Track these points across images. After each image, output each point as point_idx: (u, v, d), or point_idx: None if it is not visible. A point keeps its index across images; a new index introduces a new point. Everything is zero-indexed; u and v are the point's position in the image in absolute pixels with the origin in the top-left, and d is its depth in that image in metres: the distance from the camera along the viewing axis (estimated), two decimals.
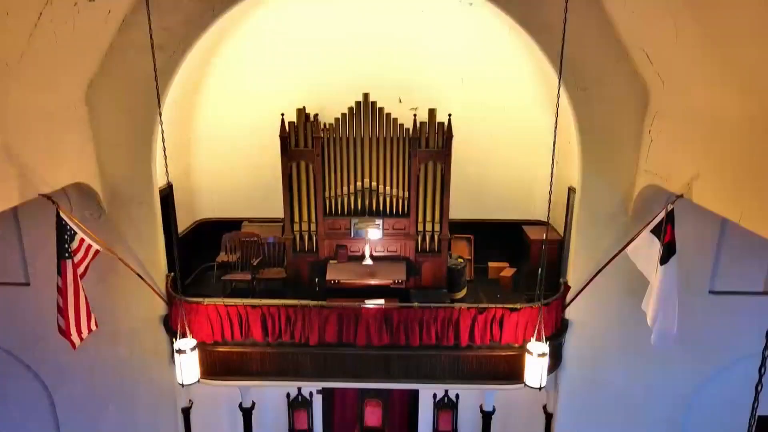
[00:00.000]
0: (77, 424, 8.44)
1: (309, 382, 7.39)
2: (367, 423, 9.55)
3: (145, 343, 8.02)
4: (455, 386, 7.39)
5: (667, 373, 7.99)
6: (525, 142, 9.28)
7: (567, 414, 8.23)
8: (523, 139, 9.28)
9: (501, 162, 9.45)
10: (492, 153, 9.40)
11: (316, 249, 8.11)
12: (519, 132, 9.27)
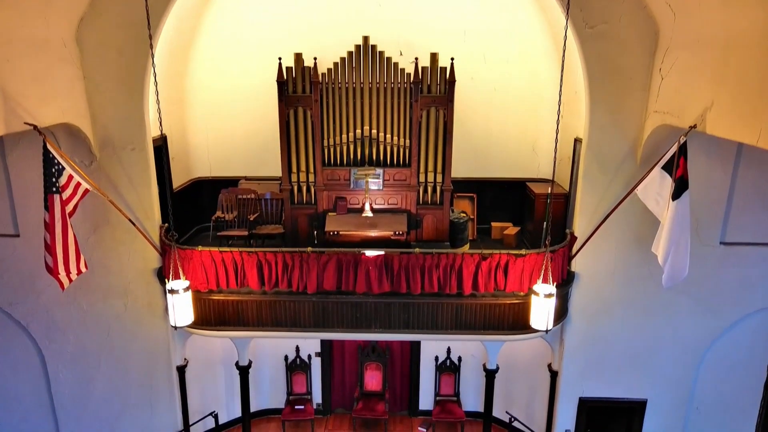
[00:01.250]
0: (68, 382, 8.21)
1: (307, 332, 7.14)
2: (367, 387, 9.32)
3: (139, 298, 7.79)
4: (458, 336, 7.15)
5: (677, 328, 7.75)
6: (529, 97, 9.04)
7: (572, 371, 7.99)
8: (527, 95, 9.04)
9: (504, 119, 9.20)
10: (495, 110, 9.16)
11: (314, 201, 7.87)
12: (523, 88, 9.03)
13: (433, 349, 9.17)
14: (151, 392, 8.23)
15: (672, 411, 8.14)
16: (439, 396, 9.31)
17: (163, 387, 8.20)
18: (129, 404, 8.28)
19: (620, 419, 8.37)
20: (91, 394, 8.26)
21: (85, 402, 8.30)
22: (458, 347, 9.14)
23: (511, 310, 6.99)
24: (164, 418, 8.33)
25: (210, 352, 8.66)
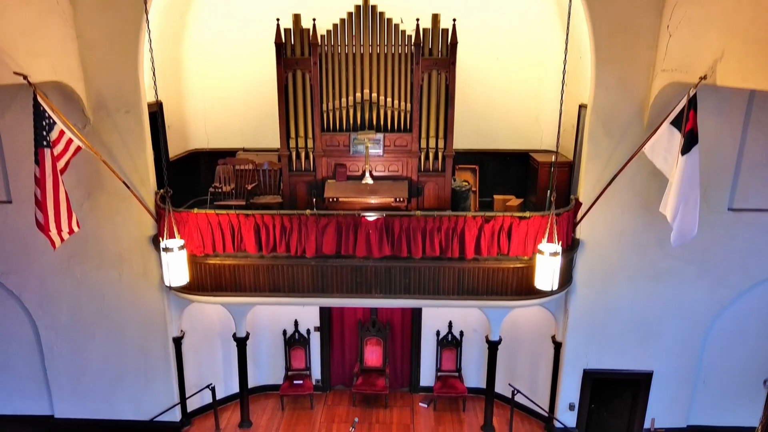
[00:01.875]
0: (62, 353, 8.05)
1: (305, 298, 6.97)
2: (367, 363, 9.15)
3: (134, 266, 7.63)
4: (460, 302, 6.97)
5: (684, 297, 7.59)
6: (532, 66, 8.88)
7: (576, 342, 7.82)
8: (531, 64, 8.88)
9: (507, 90, 9.03)
10: (497, 81, 8.99)
11: (313, 168, 7.70)
12: (526, 57, 8.87)
13: (434, 323, 9.00)
14: (146, 364, 8.06)
15: (678, 383, 7.97)
16: (440, 372, 9.14)
17: (159, 359, 8.03)
18: (124, 377, 8.12)
19: (625, 391, 8.21)
20: (86, 367, 8.10)
21: (79, 374, 8.13)
22: (460, 322, 8.97)
23: (514, 275, 6.82)
24: (160, 391, 8.17)
25: (207, 324, 8.49)
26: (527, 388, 8.38)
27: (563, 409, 8.16)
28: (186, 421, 8.44)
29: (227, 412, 8.79)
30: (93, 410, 8.28)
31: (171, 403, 8.17)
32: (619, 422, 8.43)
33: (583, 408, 8.15)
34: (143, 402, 8.21)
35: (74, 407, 8.29)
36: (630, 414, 8.23)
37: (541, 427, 8.47)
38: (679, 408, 8.11)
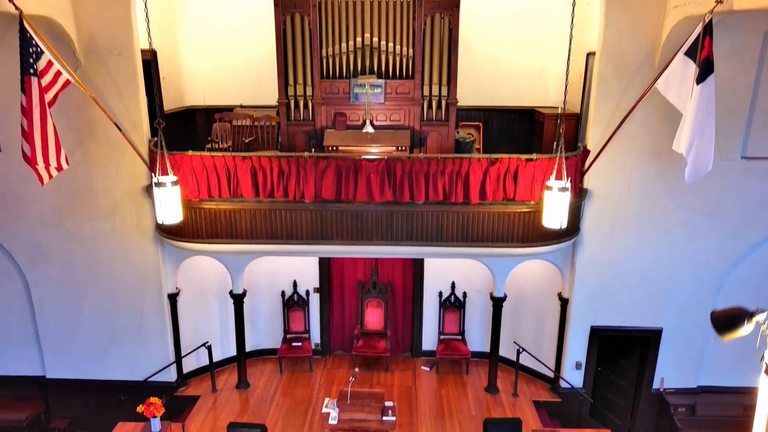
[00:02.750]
0: (54, 311, 7.82)
1: (304, 245, 6.72)
2: (368, 326, 8.91)
3: (127, 219, 7.39)
4: (464, 250, 6.73)
5: (695, 251, 7.34)
6: (537, 19, 8.61)
7: (584, 298, 7.58)
8: (536, 16, 8.62)
9: (511, 42, 8.75)
10: (502, 33, 8.73)
11: (312, 118, 7.45)
12: (531, 9, 8.62)
13: (436, 285, 8.77)
14: (141, 322, 7.83)
15: (689, 342, 7.73)
16: (443, 335, 8.90)
17: (153, 316, 7.80)
18: (117, 335, 7.89)
19: (634, 351, 7.97)
20: (78, 325, 7.86)
21: (71, 333, 7.90)
22: (463, 283, 8.74)
23: (521, 221, 6.58)
24: (154, 351, 7.94)
25: (203, 281, 8.26)
26: (532, 348, 8.14)
27: (569, 368, 7.92)
28: (182, 382, 8.21)
29: (224, 374, 8.56)
30: (85, 370, 8.05)
31: (166, 363, 7.94)
32: (626, 384, 8.19)
33: (590, 367, 7.91)
34: (137, 362, 7.98)
35: (66, 367, 8.06)
36: (638, 375, 7.99)
37: (547, 389, 8.24)
38: (690, 368, 7.87)
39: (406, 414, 7.66)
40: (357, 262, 8.86)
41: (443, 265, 8.63)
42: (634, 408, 8.12)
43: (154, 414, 6.62)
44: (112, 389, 7.92)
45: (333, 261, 8.83)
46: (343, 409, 6.10)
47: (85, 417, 8.14)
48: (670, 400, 7.75)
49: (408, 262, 8.81)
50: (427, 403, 7.91)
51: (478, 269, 8.53)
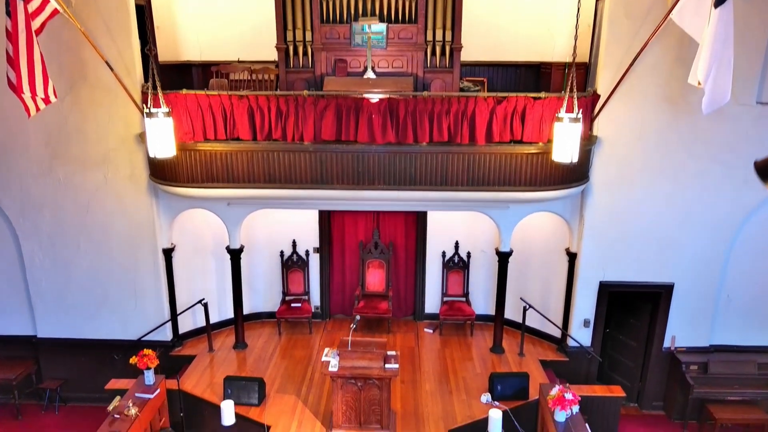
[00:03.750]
0: (45, 266, 7.57)
1: (303, 190, 6.47)
2: (369, 288, 8.67)
3: (120, 168, 7.15)
4: (470, 194, 6.45)
5: (708, 202, 7.09)
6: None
7: (592, 252, 7.33)
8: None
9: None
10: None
11: (311, 65, 7.20)
12: None
13: (439, 244, 8.52)
14: (135, 278, 7.59)
15: (700, 298, 7.48)
16: (446, 296, 8.65)
17: (148, 272, 7.56)
18: (110, 292, 7.65)
19: (644, 307, 7.72)
20: (70, 282, 7.62)
21: (63, 290, 7.66)
22: (467, 242, 8.50)
23: (528, 163, 6.33)
24: (149, 309, 7.70)
25: (199, 238, 8.01)
26: (539, 306, 7.87)
27: (577, 327, 7.68)
28: (177, 342, 7.96)
29: (221, 336, 8.31)
30: (78, 329, 7.80)
31: (161, 322, 7.69)
32: (636, 344, 7.94)
33: (599, 325, 7.66)
34: (131, 321, 7.73)
35: (58, 326, 7.82)
36: (648, 333, 7.74)
37: (554, 349, 7.99)
38: (702, 326, 7.61)
39: (409, 372, 7.41)
40: (358, 221, 8.62)
41: (447, 223, 8.38)
42: (644, 369, 7.87)
43: (147, 365, 6.38)
44: (105, 349, 7.68)
45: (333, 220, 8.59)
46: (344, 356, 5.85)
47: (77, 377, 7.89)
48: (681, 358, 7.50)
49: (410, 220, 8.57)
50: (431, 362, 7.67)
51: (482, 227, 8.31)
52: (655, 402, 7.92)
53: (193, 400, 6.81)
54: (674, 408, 7.66)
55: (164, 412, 6.70)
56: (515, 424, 6.41)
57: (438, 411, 6.53)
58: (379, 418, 5.97)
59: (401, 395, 6.85)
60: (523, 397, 6.70)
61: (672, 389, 7.68)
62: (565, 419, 5.88)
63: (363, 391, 5.87)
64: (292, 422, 6.32)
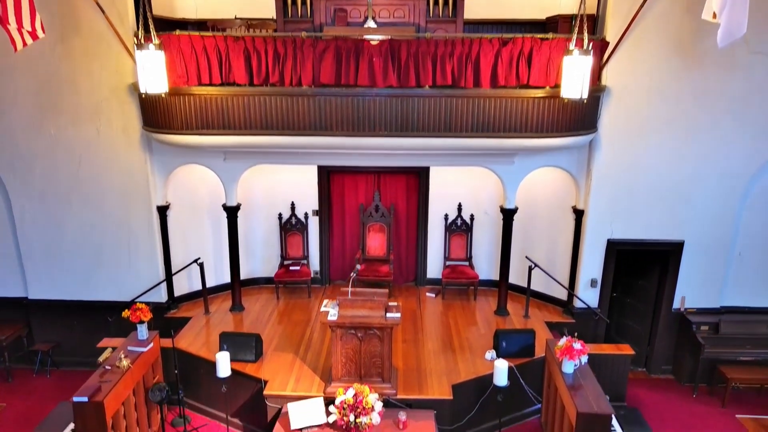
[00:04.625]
0: (36, 225, 7.35)
1: (300, 137, 6.23)
2: (370, 252, 8.44)
3: (113, 121, 6.92)
4: (474, 141, 6.22)
5: (720, 156, 6.87)
6: None
7: (600, 209, 7.11)
8: None
9: None
10: None
11: (310, 15, 6.96)
12: None
13: (442, 207, 8.30)
14: (129, 237, 7.37)
15: (711, 257, 7.25)
16: (449, 261, 8.43)
17: (142, 231, 7.34)
18: (104, 253, 7.43)
19: (653, 268, 7.50)
20: (62, 241, 7.40)
21: (55, 249, 7.44)
22: (470, 204, 8.28)
23: (535, 108, 6.09)
24: (143, 269, 7.49)
25: (195, 198, 7.79)
26: (545, 268, 7.63)
27: (584, 287, 7.46)
28: (173, 304, 7.74)
29: (217, 300, 8.08)
30: (70, 291, 7.59)
31: (156, 281, 7.47)
32: (644, 307, 7.72)
33: (606, 286, 7.44)
34: (125, 281, 7.52)
35: (49, 288, 7.60)
36: (657, 294, 7.52)
37: (560, 312, 7.76)
38: (712, 286, 7.39)
39: (410, 332, 7.19)
40: (358, 183, 8.40)
41: (449, 185, 8.18)
42: (652, 332, 7.65)
43: (140, 319, 6.16)
44: (98, 310, 7.46)
45: (333, 182, 8.37)
46: (344, 305, 5.63)
47: (69, 341, 7.68)
48: (691, 319, 7.28)
49: (412, 182, 8.35)
50: (433, 323, 7.45)
51: (486, 188, 8.11)
52: (664, 366, 7.70)
53: (188, 358, 6.59)
54: (684, 371, 7.43)
55: (158, 369, 6.48)
56: (520, 381, 6.20)
57: (441, 368, 6.31)
58: (380, 371, 5.75)
59: (403, 353, 6.63)
60: (529, 354, 6.48)
61: (682, 352, 7.46)
62: (573, 370, 5.66)
63: (363, 342, 5.65)
64: (290, 378, 6.10)
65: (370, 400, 5.22)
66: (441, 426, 5.66)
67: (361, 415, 5.16)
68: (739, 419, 6.74)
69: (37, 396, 7.14)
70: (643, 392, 7.27)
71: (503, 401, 5.80)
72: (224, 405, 6.28)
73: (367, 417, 5.17)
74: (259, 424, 6.16)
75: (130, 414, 5.80)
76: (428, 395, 5.79)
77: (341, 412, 5.22)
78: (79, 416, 5.18)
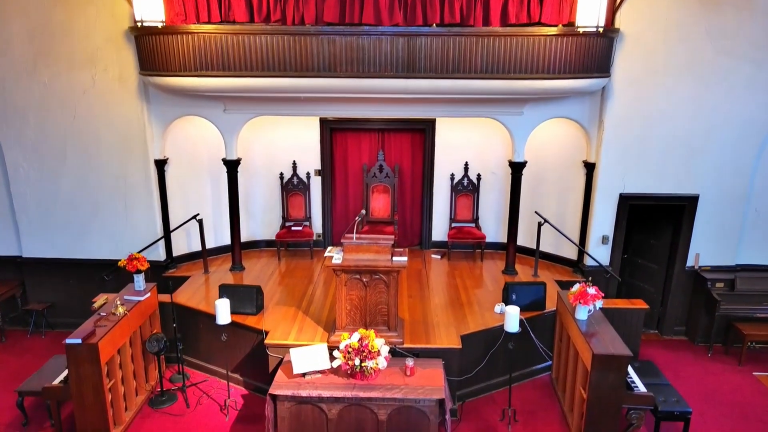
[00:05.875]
0: (30, 179, 7.12)
1: (303, 78, 6.00)
2: (373, 214, 8.22)
3: (109, 69, 6.69)
4: (484, 83, 5.99)
5: (736, 104, 6.64)
6: None
7: (612, 161, 6.88)
8: None
9: None
10: None
11: None
12: None
13: (448, 166, 8.08)
14: (125, 192, 7.15)
15: (726, 211, 7.02)
16: (455, 223, 8.20)
17: (139, 185, 7.12)
18: (100, 208, 7.21)
19: (666, 225, 7.27)
20: (57, 194, 7.17)
21: (49, 204, 7.21)
22: (477, 163, 8.06)
23: (547, 47, 5.84)
24: (141, 225, 7.26)
25: (193, 153, 7.57)
26: (555, 224, 7.40)
27: (595, 244, 7.23)
28: (171, 264, 7.52)
29: (217, 261, 7.86)
30: (65, 248, 7.37)
31: (153, 239, 7.24)
32: (657, 267, 7.49)
33: (618, 243, 7.21)
34: (122, 238, 7.29)
35: (44, 245, 7.38)
36: (670, 254, 7.29)
37: (569, 272, 7.53)
38: (727, 242, 7.16)
39: (416, 289, 6.98)
40: (361, 141, 8.18)
41: (456, 144, 7.96)
42: (665, 292, 7.42)
43: (137, 268, 5.94)
44: (94, 269, 7.24)
45: (335, 140, 8.15)
46: (349, 249, 5.40)
47: (64, 301, 7.46)
48: (706, 275, 7.05)
49: (417, 141, 8.13)
50: (440, 282, 7.22)
51: (493, 147, 7.90)
52: (677, 327, 7.47)
53: (187, 313, 6.38)
54: (698, 331, 7.21)
55: (156, 323, 6.27)
56: (531, 334, 5.98)
57: (449, 320, 6.09)
58: (385, 320, 5.53)
59: (409, 308, 6.41)
60: (540, 307, 6.26)
61: (696, 310, 7.23)
62: (588, 317, 5.43)
63: (369, 288, 5.42)
64: (292, 328, 5.88)
65: (376, 344, 5.00)
66: (449, 377, 5.44)
67: (366, 359, 4.94)
68: (757, 377, 6.52)
69: (31, 355, 6.92)
70: (657, 352, 7.04)
71: (513, 354, 5.58)
72: (224, 359, 6.07)
73: (373, 361, 4.95)
74: (261, 378, 5.94)
75: (126, 365, 5.58)
76: (436, 344, 5.57)
77: (346, 356, 4.99)
78: (72, 360, 4.95)
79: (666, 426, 5.39)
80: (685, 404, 5.19)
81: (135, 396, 5.78)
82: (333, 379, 5.10)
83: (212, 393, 6.10)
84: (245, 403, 5.94)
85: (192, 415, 5.74)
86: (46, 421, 5.58)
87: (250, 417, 5.68)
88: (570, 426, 5.48)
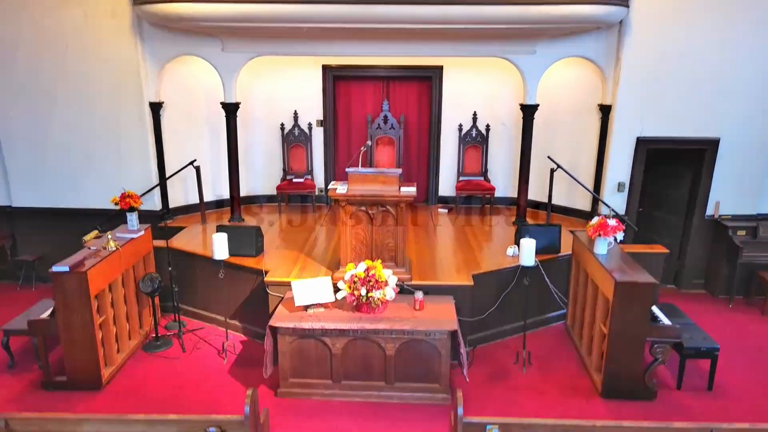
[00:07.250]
0: (19, 124, 6.81)
1: (304, 5, 5.64)
2: (378, 167, 7.84)
3: (101, 4, 6.38)
4: (495, 9, 5.64)
5: (759, 44, 6.30)
6: None
7: (629, 103, 6.55)
8: None
9: None
10: None
11: None
12: None
13: (456, 116, 7.77)
14: (119, 136, 6.83)
15: (748, 155, 6.69)
16: (463, 176, 7.89)
17: (133, 129, 6.80)
18: (93, 154, 6.90)
19: (685, 169, 6.95)
20: (47, 139, 6.87)
21: (40, 150, 6.90)
22: (486, 114, 7.76)
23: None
24: (136, 172, 6.95)
25: (191, 97, 7.25)
26: (568, 169, 7.07)
27: (611, 192, 6.91)
28: (167, 215, 7.20)
29: (215, 214, 7.55)
30: (57, 197, 7.06)
31: (148, 186, 6.92)
32: (674, 218, 7.18)
33: (634, 192, 6.89)
34: (115, 186, 6.80)
35: (35, 194, 7.08)
36: (689, 203, 6.97)
37: (583, 224, 7.19)
38: (749, 189, 6.83)
39: (423, 237, 6.66)
40: (365, 90, 7.87)
41: (464, 92, 7.67)
42: (683, 245, 7.11)
43: (130, 205, 5.63)
44: (86, 218, 6.90)
45: (338, 89, 7.83)
46: (354, 179, 5.09)
47: (56, 253, 7.03)
48: (727, 224, 6.73)
49: (423, 90, 7.82)
50: (448, 233, 6.90)
51: (503, 96, 7.61)
52: (695, 280, 7.16)
53: (184, 257, 6.07)
54: (718, 283, 6.90)
55: (150, 265, 5.96)
56: (545, 279, 5.66)
57: (459, 261, 5.78)
58: (393, 255, 5.21)
59: (417, 251, 6.10)
60: (554, 251, 5.95)
61: (716, 262, 6.92)
62: (607, 251, 5.12)
63: (375, 222, 5.11)
64: (294, 268, 5.57)
65: (384, 274, 4.68)
66: (461, 317, 5.12)
67: (373, 289, 4.62)
68: None
69: (21, 306, 6.58)
70: (676, 304, 6.71)
71: (527, 292, 5.27)
72: (222, 306, 5.77)
73: (380, 291, 4.64)
74: (260, 324, 5.62)
75: (119, 304, 5.27)
76: (446, 281, 5.25)
77: (351, 287, 4.68)
78: (59, 291, 4.64)
79: (691, 366, 5.07)
80: (712, 341, 4.88)
81: (128, 339, 5.48)
82: (337, 313, 4.79)
83: (210, 339, 5.79)
84: (244, 347, 5.63)
85: (188, 358, 5.44)
86: (34, 363, 5.26)
87: (250, 360, 5.37)
88: (588, 368, 5.16)
